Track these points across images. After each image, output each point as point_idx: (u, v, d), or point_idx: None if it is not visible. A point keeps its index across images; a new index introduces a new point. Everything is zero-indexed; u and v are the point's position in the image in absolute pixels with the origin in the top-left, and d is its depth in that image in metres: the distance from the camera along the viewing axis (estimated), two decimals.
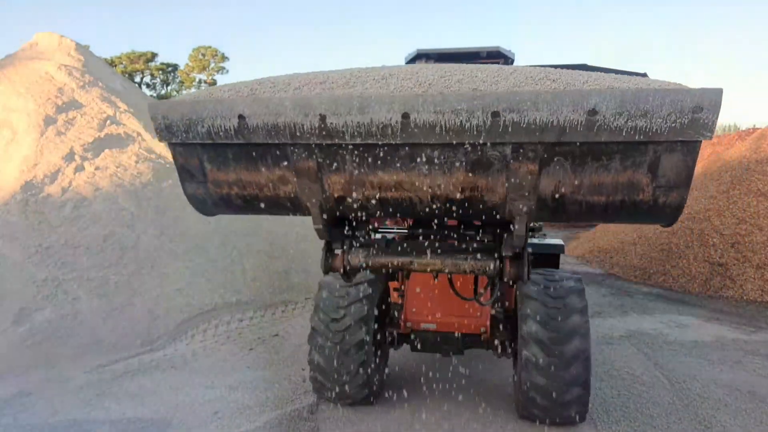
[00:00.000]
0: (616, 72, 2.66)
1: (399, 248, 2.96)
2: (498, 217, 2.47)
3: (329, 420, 3.57)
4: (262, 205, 2.66)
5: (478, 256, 2.81)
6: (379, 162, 2.31)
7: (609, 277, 7.94)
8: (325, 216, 2.59)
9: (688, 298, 6.80)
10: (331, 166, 2.38)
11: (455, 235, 3.03)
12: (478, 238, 3.01)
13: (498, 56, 4.71)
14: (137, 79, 45.86)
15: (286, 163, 2.40)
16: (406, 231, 3.22)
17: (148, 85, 47.95)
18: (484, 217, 2.65)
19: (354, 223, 3.01)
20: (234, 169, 2.49)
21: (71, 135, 6.12)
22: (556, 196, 2.29)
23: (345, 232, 2.96)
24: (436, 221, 3.03)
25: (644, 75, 3.48)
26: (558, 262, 4.26)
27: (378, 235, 3.27)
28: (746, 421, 3.57)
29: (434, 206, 2.47)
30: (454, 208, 2.47)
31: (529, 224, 2.48)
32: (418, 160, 2.28)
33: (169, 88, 49.69)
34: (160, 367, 4.42)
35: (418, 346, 3.85)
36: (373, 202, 2.49)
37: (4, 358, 4.23)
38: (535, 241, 4.35)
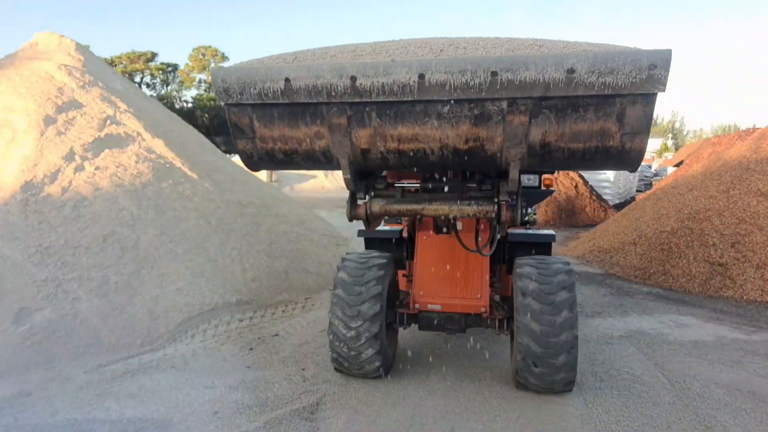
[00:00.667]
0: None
1: (413, 197, 3.47)
2: (496, 164, 2.97)
3: (329, 420, 3.57)
4: (300, 160, 3.16)
5: (480, 202, 3.31)
6: (398, 117, 2.80)
7: (609, 277, 7.94)
8: (352, 167, 3.07)
9: (688, 298, 6.80)
10: (359, 122, 2.86)
11: (460, 186, 3.52)
12: (479, 188, 3.49)
13: None
14: (137, 79, 45.87)
15: (321, 120, 2.90)
16: (418, 184, 3.66)
17: (148, 85, 47.96)
18: (484, 166, 3.17)
19: (375, 177, 3.61)
20: (278, 126, 2.96)
21: (71, 135, 6.12)
22: (544, 143, 2.78)
23: (367, 184, 3.49)
24: (443, 175, 3.61)
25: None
26: (550, 250, 4.66)
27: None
28: (746, 421, 3.57)
29: (443, 156, 2.94)
30: (459, 158, 2.94)
31: (520, 169, 2.94)
32: (431, 115, 2.76)
33: (169, 87, 49.69)
34: (160, 367, 4.42)
35: (425, 325, 4.24)
36: (393, 153, 2.97)
37: (4, 357, 4.23)
38: (530, 231, 4.78)
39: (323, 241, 7.73)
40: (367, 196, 3.52)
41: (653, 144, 38.30)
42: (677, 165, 20.11)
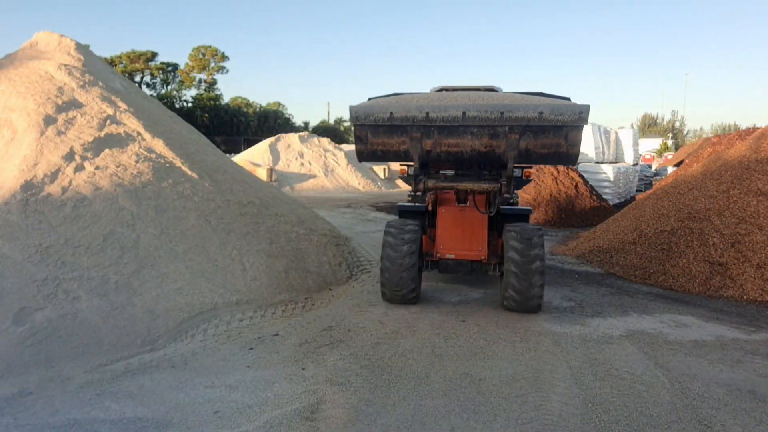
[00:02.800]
0: (556, 96, 5.88)
1: (451, 179, 5.95)
2: (500, 160, 5.48)
3: (329, 420, 3.57)
4: (390, 156, 5.68)
5: (490, 182, 5.72)
6: (449, 133, 5.26)
7: (609, 277, 7.94)
8: (420, 161, 5.57)
9: (688, 298, 6.80)
10: (427, 136, 5.32)
11: (478, 173, 6.19)
12: (489, 174, 6.09)
13: (492, 89, 6.87)
14: (137, 78, 45.90)
15: (405, 134, 5.38)
16: (453, 171, 6.29)
17: (148, 85, 47.98)
18: (493, 162, 5.68)
19: (429, 168, 6.14)
20: (381, 137, 5.50)
21: (71, 134, 6.12)
22: (527, 149, 5.31)
23: (425, 171, 5.99)
24: (468, 167, 6.18)
25: (568, 98, 5.93)
26: (528, 220, 6.79)
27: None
28: (746, 420, 3.57)
29: (472, 155, 5.42)
30: (480, 156, 5.45)
31: (513, 164, 5.45)
32: (467, 132, 5.24)
33: (169, 87, 49.69)
34: (160, 367, 4.42)
35: (443, 268, 6.37)
36: (444, 153, 5.44)
37: (4, 357, 4.23)
38: (515, 207, 7.06)
39: (323, 241, 7.73)
40: (424, 177, 5.90)
41: (653, 144, 38.24)
42: (677, 165, 20.10)
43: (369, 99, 6.07)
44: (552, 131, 5.08)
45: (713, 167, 8.99)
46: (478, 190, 5.68)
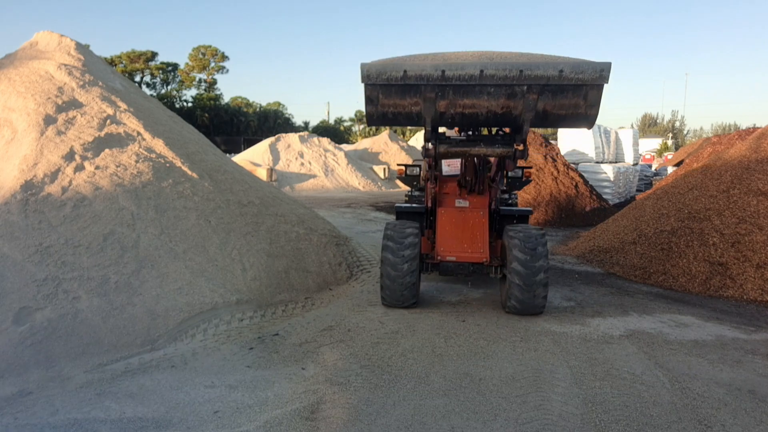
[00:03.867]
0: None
1: (463, 143, 5.56)
2: (517, 122, 5.05)
3: (329, 420, 3.57)
4: (401, 119, 5.17)
5: (503, 146, 5.42)
6: (465, 93, 4.81)
7: (609, 277, 7.94)
8: (432, 123, 5.11)
9: (688, 298, 6.80)
10: (441, 96, 4.84)
11: (491, 137, 5.79)
12: (502, 138, 5.63)
13: None
14: (137, 78, 45.90)
15: (419, 95, 4.86)
16: (465, 138, 5.84)
17: (148, 85, 47.99)
18: (509, 124, 5.26)
19: (439, 133, 5.62)
20: (393, 98, 4.95)
21: (71, 134, 6.12)
22: (544, 110, 4.89)
23: (437, 135, 5.49)
24: (482, 131, 5.97)
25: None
26: (528, 220, 6.79)
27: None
28: (746, 420, 3.57)
29: (487, 117, 5.00)
30: (496, 118, 5.04)
31: (528, 127, 5.04)
32: (484, 92, 4.78)
33: (169, 87, 49.69)
34: (160, 367, 4.42)
35: (444, 271, 6.10)
36: (458, 115, 5.01)
37: (4, 357, 4.23)
38: (515, 208, 7.06)
39: (323, 240, 7.73)
40: (436, 142, 5.45)
41: (653, 144, 38.23)
42: (677, 165, 20.09)
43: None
44: (571, 91, 4.72)
45: (713, 167, 8.99)
46: (492, 154, 5.43)
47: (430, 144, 5.40)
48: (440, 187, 6.59)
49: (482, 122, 5.17)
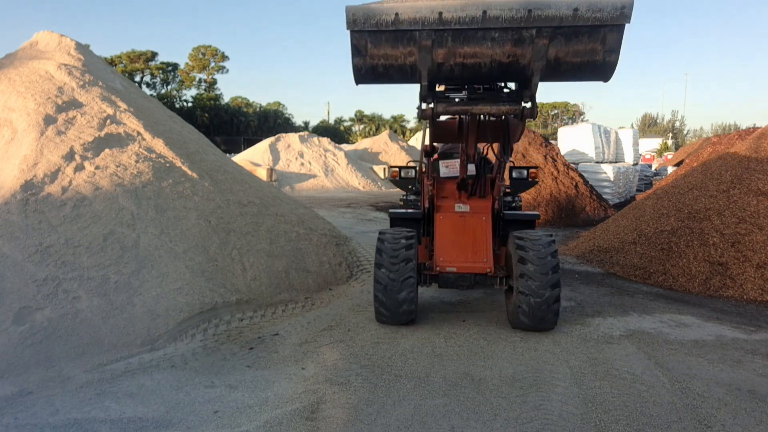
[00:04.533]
0: None
1: (463, 102, 4.70)
2: (525, 74, 4.26)
3: (329, 420, 3.57)
4: (394, 73, 4.34)
5: (510, 103, 4.58)
6: (465, 40, 4.07)
7: (609, 277, 7.94)
8: (429, 77, 4.29)
9: (688, 298, 6.80)
10: (439, 44, 4.09)
11: (495, 93, 4.81)
12: (509, 94, 4.77)
13: None
14: (137, 78, 45.90)
15: (413, 42, 4.10)
16: (465, 95, 4.81)
17: (148, 84, 48.00)
18: (516, 76, 4.48)
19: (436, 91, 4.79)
20: (383, 48, 4.17)
21: (71, 134, 6.12)
22: (557, 58, 4.11)
23: (433, 93, 4.68)
24: (485, 86, 4.84)
25: None
26: (534, 226, 6.16)
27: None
28: (746, 420, 3.57)
29: (491, 68, 4.23)
30: (501, 70, 4.24)
31: (538, 79, 4.22)
32: (487, 38, 4.06)
33: (169, 87, 49.69)
34: (160, 367, 4.43)
35: (444, 283, 5.51)
36: (458, 66, 4.22)
37: (5, 357, 4.23)
38: (520, 212, 6.43)
39: (323, 240, 7.73)
40: (433, 101, 4.71)
41: (652, 143, 38.22)
42: (677, 164, 20.10)
43: None
44: (587, 33, 4.06)
45: (713, 167, 8.99)
46: (497, 113, 4.66)
47: (425, 104, 4.68)
48: (438, 190, 6.06)
49: (485, 75, 4.45)
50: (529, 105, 4.52)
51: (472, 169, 5.78)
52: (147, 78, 47.80)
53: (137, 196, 5.88)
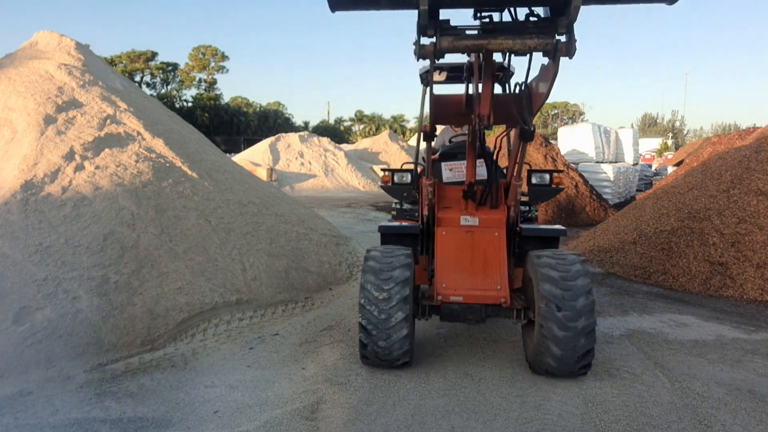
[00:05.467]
0: None
1: (478, 34, 3.38)
2: None
3: (329, 420, 3.57)
4: None
5: (540, 36, 3.24)
6: None
7: (609, 276, 7.94)
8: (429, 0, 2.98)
9: (688, 298, 6.80)
10: None
11: (521, 23, 3.37)
12: (538, 23, 3.31)
13: (503, 68, 4.97)
14: (137, 78, 45.91)
15: None
16: (479, 26, 3.46)
17: (148, 84, 48.00)
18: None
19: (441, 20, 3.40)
20: None
21: (71, 134, 6.12)
22: None
23: (439, 22, 3.31)
24: (505, 10, 3.40)
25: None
26: (558, 244, 4.86)
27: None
28: (746, 420, 3.57)
29: None
30: None
31: (580, 1, 2.86)
32: None
33: (169, 87, 49.69)
34: (160, 366, 4.43)
35: (447, 316, 4.39)
36: None
37: (5, 357, 4.23)
38: (542, 227, 4.92)
39: (323, 240, 7.73)
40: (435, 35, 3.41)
41: (652, 143, 38.24)
42: (677, 164, 20.10)
43: None
44: None
45: (713, 167, 8.99)
46: (522, 48, 3.38)
47: (427, 38, 3.37)
48: (440, 198, 4.89)
49: None
50: (564, 38, 3.26)
51: (482, 172, 4.70)
52: (147, 78, 47.81)
53: (137, 196, 5.88)
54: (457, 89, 5.67)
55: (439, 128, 6.16)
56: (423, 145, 4.80)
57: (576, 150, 17.31)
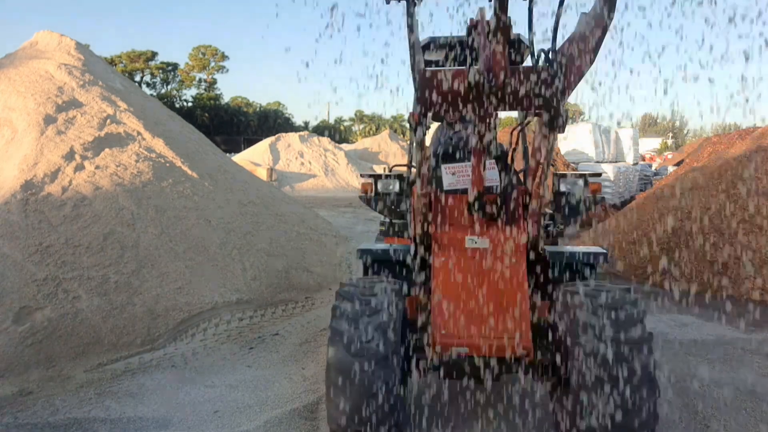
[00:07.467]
0: None
1: None
2: None
3: None
4: None
5: None
6: None
7: (609, 277, 7.94)
8: None
9: (688, 298, 6.80)
10: None
11: None
12: None
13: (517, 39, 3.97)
14: (137, 78, 45.92)
15: None
16: None
17: (148, 84, 48.01)
18: None
19: None
20: None
21: (71, 134, 6.12)
22: None
23: None
24: None
25: None
26: (595, 270, 3.62)
27: None
28: (746, 420, 3.57)
29: None
30: None
31: None
32: None
33: (169, 87, 49.70)
34: (161, 366, 4.43)
35: (448, 373, 3.19)
36: None
37: (5, 357, 4.23)
38: (576, 249, 3.64)
39: (323, 240, 7.73)
40: None
41: (653, 143, 38.25)
42: (677, 164, 20.10)
43: None
44: None
45: (713, 167, 8.99)
46: None
47: None
48: (438, 213, 3.56)
49: None
50: None
51: (493, 176, 3.64)
52: (147, 78, 47.83)
53: (137, 196, 5.88)
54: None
55: (433, 126, 4.87)
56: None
57: (576, 150, 17.31)
